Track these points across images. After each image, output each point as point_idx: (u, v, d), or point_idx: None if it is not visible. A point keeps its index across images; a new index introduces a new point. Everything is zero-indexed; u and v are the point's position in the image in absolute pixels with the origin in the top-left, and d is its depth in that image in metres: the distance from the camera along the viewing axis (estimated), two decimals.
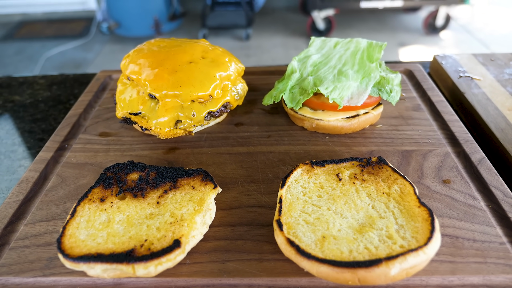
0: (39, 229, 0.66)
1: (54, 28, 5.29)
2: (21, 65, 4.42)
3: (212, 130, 0.90)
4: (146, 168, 0.72)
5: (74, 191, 0.74)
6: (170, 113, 0.80)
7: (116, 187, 0.68)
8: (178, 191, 0.67)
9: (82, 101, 1.01)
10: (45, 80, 1.26)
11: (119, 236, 0.59)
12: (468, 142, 0.82)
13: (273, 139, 0.87)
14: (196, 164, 0.81)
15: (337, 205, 0.62)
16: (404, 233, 0.56)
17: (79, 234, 0.59)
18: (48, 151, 0.84)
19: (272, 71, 1.13)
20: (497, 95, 0.97)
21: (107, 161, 0.82)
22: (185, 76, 0.80)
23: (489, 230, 0.63)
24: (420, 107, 0.95)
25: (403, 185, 0.65)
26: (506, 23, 4.98)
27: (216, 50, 0.89)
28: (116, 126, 0.93)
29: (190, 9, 5.65)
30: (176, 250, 0.55)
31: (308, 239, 0.56)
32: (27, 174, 0.77)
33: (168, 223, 0.60)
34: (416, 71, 1.08)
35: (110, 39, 5.04)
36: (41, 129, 1.02)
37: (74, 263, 0.55)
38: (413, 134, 0.86)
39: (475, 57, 1.16)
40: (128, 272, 0.54)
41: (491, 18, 5.08)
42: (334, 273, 0.51)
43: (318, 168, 0.70)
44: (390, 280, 0.51)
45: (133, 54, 0.87)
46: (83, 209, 0.63)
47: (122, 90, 0.87)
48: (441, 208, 0.67)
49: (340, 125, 0.85)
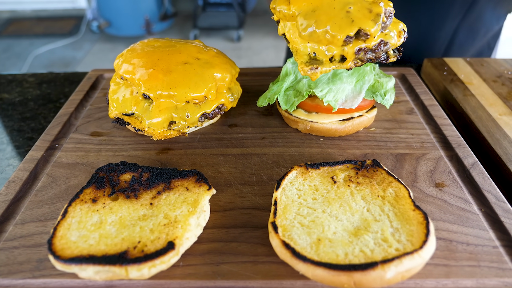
0: (29, 230, 0.65)
1: (43, 26, 5.23)
2: (8, 63, 4.36)
3: (205, 131, 0.90)
4: (139, 168, 0.71)
5: (65, 191, 0.73)
6: (164, 114, 0.80)
7: (108, 187, 0.67)
8: (172, 192, 0.66)
9: (73, 100, 1.00)
10: (35, 78, 1.24)
11: (111, 237, 0.58)
12: (460, 146, 0.82)
13: (267, 141, 0.86)
14: (189, 165, 0.80)
15: (332, 208, 0.62)
16: (399, 237, 0.56)
17: (70, 235, 0.58)
18: (38, 150, 0.82)
19: (266, 72, 1.13)
20: (488, 100, 0.98)
21: (99, 161, 0.80)
22: (180, 76, 0.79)
23: (482, 234, 0.63)
24: (413, 111, 0.95)
25: (397, 188, 0.65)
26: None
27: (210, 51, 0.88)
28: (108, 126, 0.91)
29: (182, 10, 5.64)
30: (170, 252, 0.55)
31: (304, 242, 0.56)
32: (16, 174, 0.76)
33: (161, 224, 0.59)
34: (409, 75, 1.09)
35: (100, 38, 5.00)
36: (30, 128, 1.00)
37: (66, 264, 0.53)
38: (407, 137, 0.86)
39: (467, 62, 1.18)
40: (121, 274, 0.53)
41: None
42: (330, 276, 0.51)
43: (313, 171, 0.70)
44: (386, 283, 0.51)
45: (126, 54, 0.86)
46: (74, 210, 0.62)
47: (115, 89, 0.86)
48: (435, 212, 0.68)
49: (334, 128, 0.85)
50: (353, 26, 0.68)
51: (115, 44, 4.84)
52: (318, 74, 0.72)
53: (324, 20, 0.69)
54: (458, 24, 1.27)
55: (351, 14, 0.69)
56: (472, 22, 1.27)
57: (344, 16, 0.69)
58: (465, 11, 1.23)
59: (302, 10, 0.72)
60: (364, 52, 0.71)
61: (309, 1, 0.73)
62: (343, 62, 0.72)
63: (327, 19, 0.69)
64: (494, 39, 1.40)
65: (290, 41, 0.76)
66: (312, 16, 0.71)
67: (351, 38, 0.69)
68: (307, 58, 0.73)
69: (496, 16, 1.31)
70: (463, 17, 1.25)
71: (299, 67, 0.73)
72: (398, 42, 0.74)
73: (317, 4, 0.72)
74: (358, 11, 0.70)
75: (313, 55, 0.73)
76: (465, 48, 1.36)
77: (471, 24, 1.28)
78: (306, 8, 0.72)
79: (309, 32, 0.71)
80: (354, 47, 0.70)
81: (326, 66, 0.72)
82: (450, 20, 1.27)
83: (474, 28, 1.29)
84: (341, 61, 0.72)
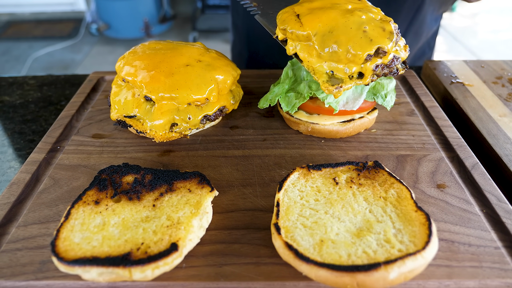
0: (31, 232, 0.65)
1: (42, 29, 5.24)
2: (7, 66, 4.36)
3: (207, 133, 0.90)
4: (142, 170, 0.71)
5: (67, 193, 0.73)
6: (166, 116, 0.80)
7: (111, 189, 0.67)
8: (174, 194, 0.66)
9: (74, 102, 1.00)
10: (36, 81, 1.24)
11: (114, 239, 0.58)
12: (461, 147, 0.83)
13: (268, 143, 0.86)
14: (191, 167, 0.80)
15: (334, 209, 0.62)
16: (402, 237, 0.56)
17: (73, 237, 0.58)
18: (40, 153, 0.82)
19: (267, 74, 1.13)
20: (489, 101, 0.99)
21: (101, 163, 0.81)
22: (182, 79, 0.79)
23: (484, 235, 0.64)
24: (414, 112, 0.96)
25: (399, 190, 0.65)
26: (494, 31, 5.07)
27: (212, 53, 0.89)
28: (109, 128, 0.91)
29: (181, 12, 5.64)
30: (173, 253, 0.55)
31: (306, 243, 0.56)
32: (18, 176, 0.76)
33: (164, 226, 0.59)
34: (410, 76, 1.09)
35: (99, 41, 5.00)
36: (31, 130, 1.00)
37: (69, 266, 0.53)
38: (408, 139, 0.86)
39: (466, 63, 1.18)
40: (125, 276, 0.53)
41: (479, 26, 5.17)
42: (333, 277, 0.51)
43: (315, 172, 0.70)
44: (389, 284, 0.51)
45: (128, 56, 0.86)
46: (77, 212, 0.62)
47: (117, 92, 0.86)
48: (437, 213, 0.68)
49: (336, 129, 0.85)
50: (372, 44, 0.73)
51: (114, 47, 4.85)
52: (342, 92, 0.76)
53: (344, 41, 0.73)
54: (405, 30, 1.32)
55: (368, 33, 0.73)
56: (418, 26, 1.32)
57: (362, 36, 0.73)
58: (411, 17, 1.28)
59: (318, 31, 0.76)
60: (381, 68, 0.75)
61: (324, 22, 0.76)
62: (361, 78, 0.75)
63: (347, 39, 0.73)
64: (433, 38, 1.47)
65: (304, 61, 0.79)
66: (330, 37, 0.74)
67: (371, 56, 0.73)
68: (327, 77, 0.77)
69: (435, 17, 1.37)
70: (410, 23, 1.30)
71: (322, 86, 0.76)
72: (405, 56, 0.79)
73: (333, 25, 0.75)
74: (373, 30, 0.74)
75: (331, 73, 0.76)
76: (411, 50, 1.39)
77: (416, 29, 1.33)
78: (322, 29, 0.76)
79: (330, 52, 0.74)
80: (372, 64, 0.74)
81: (347, 83, 0.75)
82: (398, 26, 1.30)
83: (419, 31, 1.35)
84: (359, 77, 0.75)
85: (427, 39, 1.43)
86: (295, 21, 0.80)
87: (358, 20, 0.75)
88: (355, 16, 0.75)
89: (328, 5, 0.80)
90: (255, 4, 0.99)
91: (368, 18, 0.76)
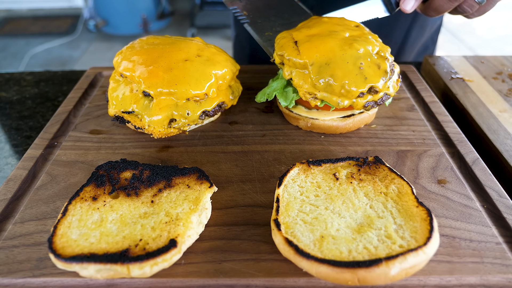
0: (28, 229, 0.64)
1: (39, 25, 5.21)
2: (5, 63, 4.33)
3: (206, 129, 0.89)
4: (140, 166, 0.70)
5: (64, 190, 0.72)
6: (164, 112, 0.79)
7: (108, 185, 0.66)
8: (173, 190, 0.65)
9: (71, 98, 0.99)
10: (33, 77, 1.23)
11: (112, 235, 0.57)
12: (462, 142, 0.82)
13: (268, 138, 0.86)
14: (190, 162, 0.79)
15: (335, 205, 0.62)
16: (403, 233, 0.56)
17: (71, 233, 0.57)
18: (37, 149, 0.82)
19: (266, 70, 1.12)
20: (489, 97, 0.98)
21: (99, 159, 0.80)
22: (180, 74, 0.78)
23: (485, 230, 0.63)
24: (414, 108, 0.95)
25: (400, 185, 0.64)
26: (491, 28, 5.07)
27: (211, 48, 0.88)
28: (107, 124, 0.91)
29: (179, 8, 5.62)
30: (172, 250, 0.54)
31: (307, 239, 0.56)
32: (15, 172, 0.75)
33: (163, 222, 0.59)
34: (410, 72, 1.09)
35: (97, 37, 4.98)
36: (28, 126, 0.99)
37: (66, 263, 0.53)
38: (408, 134, 0.86)
39: (466, 59, 1.17)
40: (123, 273, 0.53)
41: (478, 22, 5.16)
42: (334, 273, 0.51)
43: (315, 168, 0.69)
44: (390, 280, 0.51)
45: (126, 51, 0.85)
46: (74, 208, 0.62)
47: (115, 87, 0.85)
48: (438, 208, 0.67)
49: (335, 125, 0.85)
50: (366, 82, 0.76)
51: (112, 43, 4.82)
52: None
53: (340, 76, 0.76)
54: (410, 24, 1.32)
55: (364, 71, 0.77)
56: (423, 20, 1.32)
57: (358, 73, 0.76)
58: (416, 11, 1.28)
59: (314, 61, 0.78)
60: (371, 105, 0.79)
61: (320, 53, 0.78)
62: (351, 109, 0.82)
63: (343, 74, 0.76)
64: (437, 33, 1.46)
65: (297, 87, 0.81)
66: (327, 69, 0.77)
67: (363, 93, 0.77)
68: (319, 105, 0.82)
69: None
70: (414, 17, 1.30)
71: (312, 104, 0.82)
72: (395, 91, 0.82)
73: (330, 57, 0.78)
74: (369, 67, 0.77)
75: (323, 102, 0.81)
76: (415, 45, 1.41)
77: (421, 22, 1.33)
78: (319, 60, 0.78)
79: (325, 84, 0.78)
80: (364, 99, 0.78)
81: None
82: (403, 21, 1.31)
83: (424, 25, 1.35)
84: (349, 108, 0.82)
85: (431, 33, 1.43)
86: (292, 48, 0.82)
87: (355, 54, 0.77)
88: (353, 49, 0.78)
89: (326, 33, 0.82)
90: (245, 13, 1.00)
91: (365, 52, 0.78)
